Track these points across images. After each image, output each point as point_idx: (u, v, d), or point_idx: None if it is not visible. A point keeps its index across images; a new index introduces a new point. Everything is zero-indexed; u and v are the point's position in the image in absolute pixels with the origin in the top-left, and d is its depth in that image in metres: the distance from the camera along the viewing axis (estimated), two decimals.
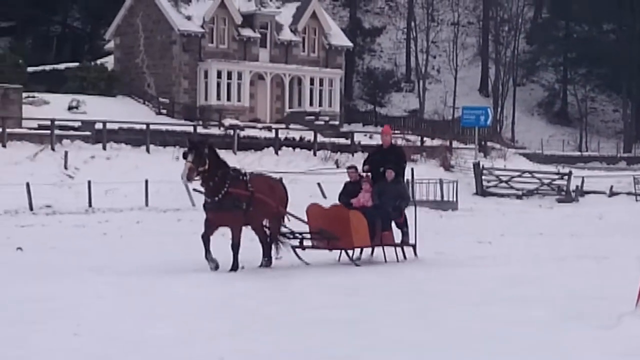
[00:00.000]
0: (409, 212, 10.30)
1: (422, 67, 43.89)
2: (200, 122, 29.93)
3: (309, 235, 9.71)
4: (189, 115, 31.00)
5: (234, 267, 8.63)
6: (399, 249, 10.10)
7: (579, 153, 41.56)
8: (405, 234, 10.24)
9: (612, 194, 26.32)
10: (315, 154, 28.11)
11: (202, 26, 31.96)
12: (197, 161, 8.38)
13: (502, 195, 26.42)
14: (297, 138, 29.35)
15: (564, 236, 14.55)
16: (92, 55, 38.42)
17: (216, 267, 8.49)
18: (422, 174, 24.69)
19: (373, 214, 9.57)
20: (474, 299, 6.64)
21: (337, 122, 34.02)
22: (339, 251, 9.79)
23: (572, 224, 17.64)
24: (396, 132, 34.29)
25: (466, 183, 26.82)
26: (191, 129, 27.81)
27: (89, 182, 19.71)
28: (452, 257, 10.59)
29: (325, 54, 35.56)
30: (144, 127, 26.32)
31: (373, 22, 48.93)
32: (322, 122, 32.29)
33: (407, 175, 23.90)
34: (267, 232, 9.41)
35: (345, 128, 34.64)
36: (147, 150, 25.85)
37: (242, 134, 28.16)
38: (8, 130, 23.91)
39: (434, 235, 13.40)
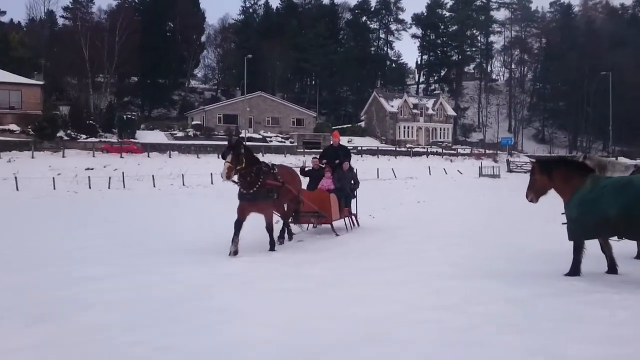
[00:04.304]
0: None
1: None
2: (396, 147, 76.33)
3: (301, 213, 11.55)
4: (392, 143, 77.64)
5: (272, 246, 9.73)
6: (348, 219, 12.84)
7: None
8: (350, 207, 12.76)
9: None
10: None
11: (397, 109, 78.50)
12: (235, 161, 9.02)
13: None
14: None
15: None
16: (356, 121, 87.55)
17: (234, 253, 9.02)
18: None
19: (339, 194, 12.07)
20: None
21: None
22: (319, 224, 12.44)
23: None
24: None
25: None
26: (393, 148, 73.85)
27: None
28: None
29: (445, 118, 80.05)
30: (375, 148, 73.22)
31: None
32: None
33: None
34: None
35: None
36: (377, 156, 71.30)
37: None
38: None
39: None
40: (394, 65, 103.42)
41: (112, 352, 4.61)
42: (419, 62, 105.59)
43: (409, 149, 69.15)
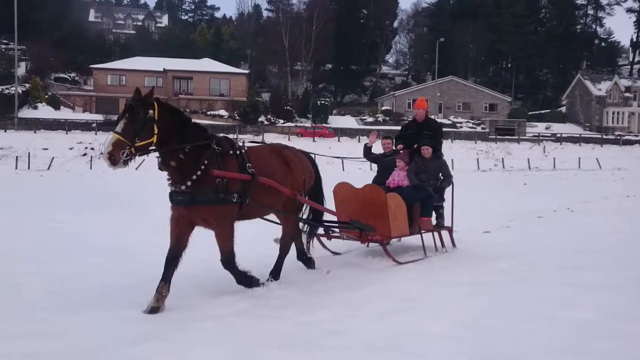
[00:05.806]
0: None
1: None
2: (603, 135, 68.62)
3: (333, 225, 7.33)
4: (597, 130, 69.56)
5: (250, 282, 5.69)
6: (436, 236, 8.15)
7: None
8: (440, 216, 8.36)
9: None
10: None
11: (605, 92, 70.69)
12: (131, 129, 4.70)
13: None
14: None
15: None
16: (556, 106, 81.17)
17: (154, 310, 4.98)
18: None
19: (412, 195, 7.56)
20: None
21: None
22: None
23: None
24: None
25: None
26: (599, 135, 66.36)
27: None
28: None
29: None
30: (577, 135, 66.16)
31: None
32: None
33: None
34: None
35: None
36: (579, 144, 62.60)
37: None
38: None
39: None
40: (603, 44, 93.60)
41: (289, 329, 4.72)
42: (635, 40, 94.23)
43: (618, 137, 62.58)
